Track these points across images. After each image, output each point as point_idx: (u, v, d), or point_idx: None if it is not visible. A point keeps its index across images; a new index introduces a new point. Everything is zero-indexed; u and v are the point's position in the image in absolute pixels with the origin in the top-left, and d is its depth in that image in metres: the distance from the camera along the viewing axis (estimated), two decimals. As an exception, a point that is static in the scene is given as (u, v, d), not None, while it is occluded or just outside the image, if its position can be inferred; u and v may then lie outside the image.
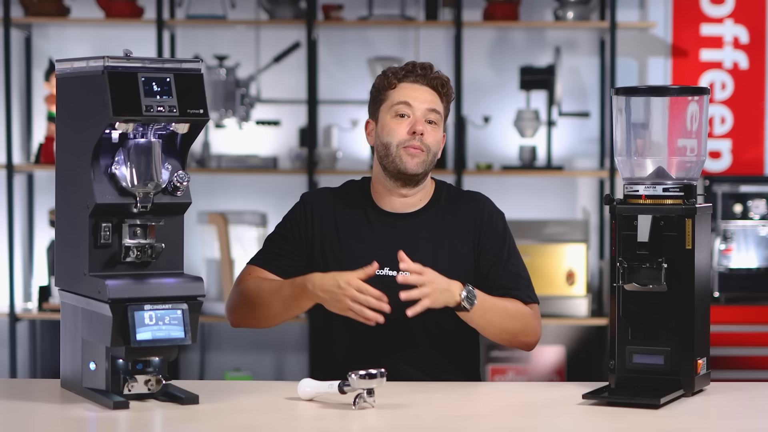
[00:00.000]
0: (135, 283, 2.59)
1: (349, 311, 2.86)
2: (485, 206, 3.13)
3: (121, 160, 2.61)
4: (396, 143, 3.03)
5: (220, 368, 5.75)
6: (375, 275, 2.95)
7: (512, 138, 5.69)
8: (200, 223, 5.57)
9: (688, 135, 2.80)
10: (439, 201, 3.12)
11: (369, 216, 3.09)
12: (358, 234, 3.06)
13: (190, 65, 2.65)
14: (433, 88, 3.06)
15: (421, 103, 3.04)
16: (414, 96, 3.04)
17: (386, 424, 2.56)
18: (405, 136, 3.02)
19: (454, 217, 3.09)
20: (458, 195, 3.16)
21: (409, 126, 3.03)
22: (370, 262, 2.91)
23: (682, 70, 5.71)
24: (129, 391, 2.64)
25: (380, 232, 3.05)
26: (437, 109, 3.05)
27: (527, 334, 3.04)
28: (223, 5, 5.63)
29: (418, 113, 3.03)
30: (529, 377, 5.44)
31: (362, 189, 3.14)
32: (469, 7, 5.58)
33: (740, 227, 5.29)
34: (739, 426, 2.60)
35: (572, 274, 5.34)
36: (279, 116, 5.72)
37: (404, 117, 3.04)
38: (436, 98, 3.06)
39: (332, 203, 3.11)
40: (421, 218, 3.09)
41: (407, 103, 3.04)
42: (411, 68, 3.07)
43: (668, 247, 2.74)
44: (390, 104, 3.05)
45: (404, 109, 3.04)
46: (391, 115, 3.05)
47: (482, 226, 3.09)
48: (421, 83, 3.06)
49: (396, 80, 3.06)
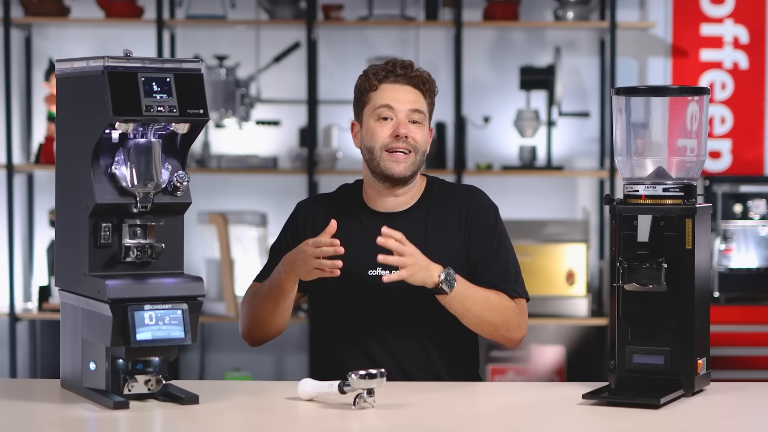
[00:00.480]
0: (135, 283, 2.59)
1: (316, 270, 2.88)
2: (477, 198, 3.12)
3: (121, 160, 2.61)
4: (380, 147, 3.02)
5: (220, 368, 5.75)
6: (368, 275, 2.96)
7: (512, 138, 5.69)
8: (200, 223, 5.57)
9: (688, 135, 2.80)
10: (430, 197, 3.11)
11: (361, 218, 3.09)
12: (351, 237, 3.06)
13: (190, 65, 2.65)
14: (414, 86, 3.04)
15: (403, 104, 3.02)
16: (395, 97, 3.03)
17: (386, 424, 2.56)
18: (388, 139, 3.02)
19: (445, 211, 3.09)
20: (450, 189, 3.16)
21: (393, 129, 3.02)
22: (361, 263, 2.93)
23: (682, 70, 5.71)
24: (129, 391, 2.64)
25: (372, 233, 3.05)
26: (420, 108, 3.04)
27: (509, 328, 3.02)
28: (223, 5, 5.63)
29: (401, 115, 3.02)
30: (529, 377, 5.44)
31: (355, 192, 3.15)
32: (469, 7, 5.58)
33: (740, 227, 5.29)
34: (739, 426, 2.60)
35: (572, 274, 5.34)
36: (279, 116, 5.72)
37: (387, 120, 3.03)
38: (418, 96, 3.05)
39: (324, 210, 3.12)
40: (411, 216, 3.08)
41: (389, 105, 3.02)
42: (391, 68, 3.05)
43: (668, 247, 2.74)
44: (372, 107, 3.04)
45: (387, 112, 3.03)
46: (374, 119, 3.04)
47: (473, 217, 3.08)
48: (402, 83, 3.04)
49: (377, 81, 3.04)
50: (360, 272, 3.01)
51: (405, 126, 3.02)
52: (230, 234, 5.49)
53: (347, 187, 3.18)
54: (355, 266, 2.99)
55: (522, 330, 3.05)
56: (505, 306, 3.01)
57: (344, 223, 3.07)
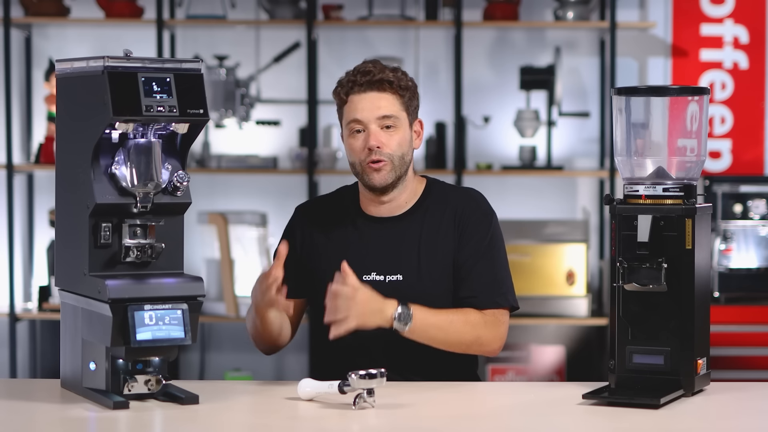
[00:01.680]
0: (135, 283, 2.59)
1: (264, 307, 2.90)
2: (474, 201, 3.09)
3: (121, 160, 2.61)
4: (358, 162, 3.02)
5: (220, 368, 5.75)
6: (363, 280, 2.95)
7: (512, 138, 5.69)
8: (200, 223, 5.57)
9: (688, 135, 2.80)
10: (427, 200, 3.09)
11: (356, 222, 3.09)
12: (346, 240, 3.06)
13: (190, 65, 2.65)
14: (379, 90, 2.99)
15: (369, 113, 2.98)
16: (361, 108, 2.99)
17: (386, 424, 2.56)
18: (363, 153, 3.00)
19: (441, 214, 3.07)
20: (449, 191, 3.13)
21: (365, 141, 3.00)
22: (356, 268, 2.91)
23: (682, 70, 5.71)
24: (129, 391, 2.64)
25: (366, 238, 3.05)
26: (389, 113, 2.99)
27: (482, 343, 2.99)
28: (223, 5, 5.63)
29: (371, 125, 2.99)
30: (529, 377, 5.44)
31: (352, 195, 3.14)
32: (469, 7, 5.58)
33: (740, 227, 5.29)
34: (739, 426, 2.60)
35: (572, 274, 5.34)
36: (279, 116, 5.72)
37: (360, 132, 3.01)
38: (388, 100, 3.00)
39: (321, 213, 3.12)
40: (406, 221, 3.07)
41: (357, 120, 2.99)
42: (353, 76, 3.01)
43: (668, 247, 2.74)
44: (345, 122, 3.03)
45: (357, 126, 3.00)
46: (348, 133, 3.03)
47: (466, 220, 3.05)
48: (366, 90, 2.99)
49: (344, 95, 3.01)
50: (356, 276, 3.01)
51: (376, 137, 2.98)
52: (230, 234, 5.49)
53: (346, 190, 3.17)
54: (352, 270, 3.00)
55: (498, 341, 3.00)
56: (473, 323, 2.97)
57: (340, 228, 3.08)
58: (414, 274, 3.02)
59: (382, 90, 3.00)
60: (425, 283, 3.01)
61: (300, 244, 3.09)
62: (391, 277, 3.02)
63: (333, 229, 3.09)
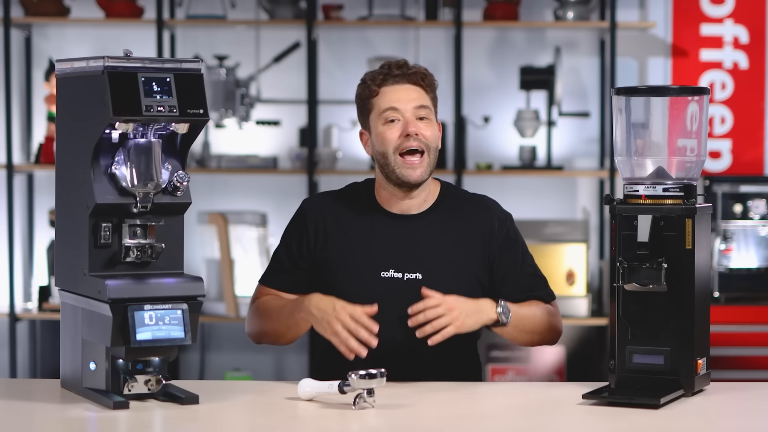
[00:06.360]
0: (135, 283, 2.59)
1: (335, 336, 2.86)
2: (494, 212, 3.12)
3: (121, 160, 2.61)
4: (392, 149, 3.01)
5: (220, 368, 5.75)
6: (381, 277, 2.96)
7: (512, 138, 5.69)
8: (200, 223, 5.57)
9: (688, 135, 2.80)
10: (444, 203, 3.11)
11: (374, 219, 3.08)
12: (363, 237, 3.05)
13: (190, 65, 2.65)
14: (414, 83, 3.04)
15: (407, 103, 3.02)
16: (398, 98, 3.02)
17: (386, 424, 2.56)
18: (399, 140, 3.01)
19: (461, 219, 3.09)
20: (465, 197, 3.15)
21: (402, 129, 3.01)
22: (374, 264, 2.93)
23: (682, 70, 5.71)
24: (129, 391, 2.64)
25: (385, 235, 3.05)
26: (425, 104, 3.03)
27: (552, 332, 3.09)
28: (223, 5, 5.63)
29: (407, 114, 3.01)
30: (529, 377, 5.44)
31: (367, 191, 3.13)
32: (469, 7, 5.58)
33: (740, 227, 5.29)
34: (739, 426, 2.60)
35: (572, 274, 5.34)
36: (279, 116, 5.72)
37: (395, 122, 3.02)
38: (420, 93, 3.04)
39: (334, 207, 3.11)
40: (426, 219, 3.08)
41: (394, 107, 3.01)
42: (387, 70, 3.04)
43: (668, 247, 2.74)
44: (378, 112, 3.03)
45: (393, 114, 3.02)
46: (382, 123, 3.03)
47: (493, 234, 3.08)
48: (402, 82, 3.03)
49: (376, 87, 3.04)
50: (373, 274, 3.01)
51: (414, 124, 3.01)
52: (230, 234, 5.49)
53: (358, 186, 3.16)
54: (368, 268, 2.99)
55: (561, 329, 3.12)
56: (547, 311, 3.09)
57: (357, 222, 3.07)
58: (433, 274, 3.02)
59: (416, 83, 3.04)
60: (444, 283, 3.00)
61: (313, 236, 3.07)
62: (410, 275, 3.01)
63: (348, 223, 3.08)
